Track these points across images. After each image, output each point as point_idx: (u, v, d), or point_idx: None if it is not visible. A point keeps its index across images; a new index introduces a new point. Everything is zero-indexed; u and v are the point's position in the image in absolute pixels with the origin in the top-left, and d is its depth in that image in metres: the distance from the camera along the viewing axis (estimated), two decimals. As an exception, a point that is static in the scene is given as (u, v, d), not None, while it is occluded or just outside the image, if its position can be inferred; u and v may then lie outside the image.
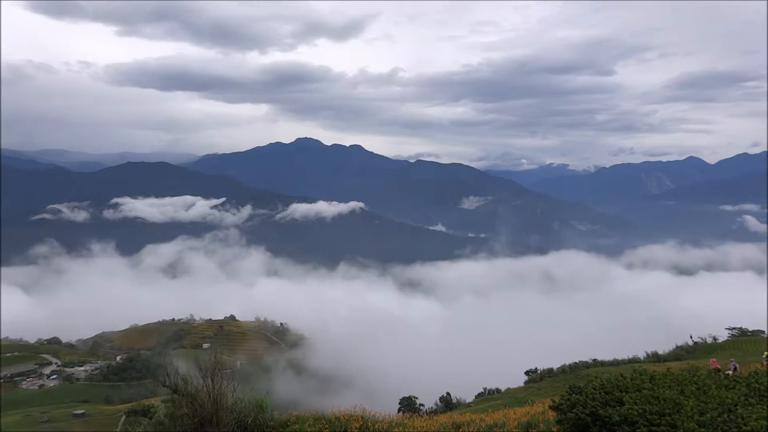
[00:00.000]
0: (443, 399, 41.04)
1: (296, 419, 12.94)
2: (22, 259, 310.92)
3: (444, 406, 39.47)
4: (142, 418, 19.70)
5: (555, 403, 10.68)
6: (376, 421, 13.47)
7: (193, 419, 11.23)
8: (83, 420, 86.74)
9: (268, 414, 12.46)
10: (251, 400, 12.28)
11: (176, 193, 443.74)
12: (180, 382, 11.77)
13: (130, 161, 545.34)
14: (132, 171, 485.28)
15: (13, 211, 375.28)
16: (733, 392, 9.64)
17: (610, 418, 9.00)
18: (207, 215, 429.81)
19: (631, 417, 8.79)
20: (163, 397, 12.52)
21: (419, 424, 15.40)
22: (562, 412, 10.22)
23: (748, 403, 8.98)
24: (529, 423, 14.69)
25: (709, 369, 19.10)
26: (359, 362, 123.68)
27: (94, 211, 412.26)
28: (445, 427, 15.34)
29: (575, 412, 9.67)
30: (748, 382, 10.42)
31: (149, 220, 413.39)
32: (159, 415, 12.82)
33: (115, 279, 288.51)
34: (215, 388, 11.55)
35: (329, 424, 12.69)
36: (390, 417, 15.11)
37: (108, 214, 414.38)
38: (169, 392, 11.90)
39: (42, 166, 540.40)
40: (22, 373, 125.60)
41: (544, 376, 41.17)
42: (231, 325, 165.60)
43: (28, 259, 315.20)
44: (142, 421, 17.47)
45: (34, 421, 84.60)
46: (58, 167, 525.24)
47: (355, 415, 13.53)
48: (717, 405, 8.96)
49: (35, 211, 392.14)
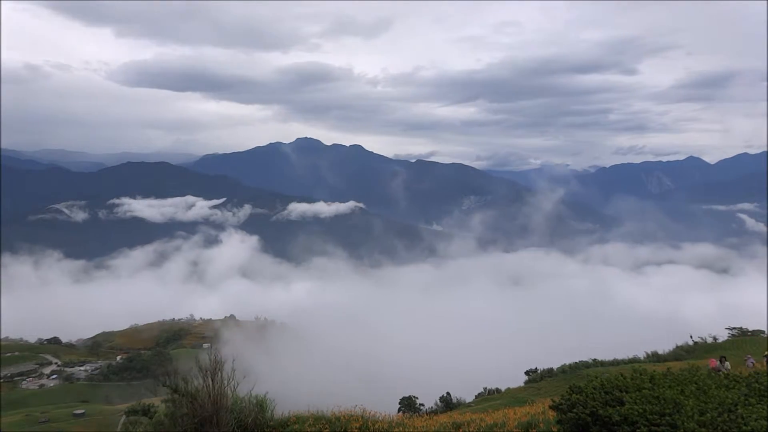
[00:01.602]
0: (443, 399, 41.05)
1: (296, 419, 12.94)
2: (22, 259, 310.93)
3: (444, 406, 39.47)
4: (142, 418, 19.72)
5: (555, 403, 10.68)
6: (376, 421, 13.48)
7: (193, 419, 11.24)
8: (83, 420, 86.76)
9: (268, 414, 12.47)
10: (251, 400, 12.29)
11: (176, 193, 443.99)
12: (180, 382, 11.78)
13: (130, 161, 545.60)
14: (132, 171, 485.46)
15: (12, 211, 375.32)
16: (733, 392, 9.65)
17: (610, 418, 9.00)
18: (207, 215, 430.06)
19: (631, 417, 8.79)
20: (163, 397, 12.52)
21: (419, 424, 15.39)
22: (562, 412, 10.22)
23: (748, 403, 8.98)
24: (529, 423, 14.68)
25: (709, 369, 19.11)
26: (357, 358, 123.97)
27: (94, 211, 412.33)
28: (445, 427, 15.33)
29: (575, 412, 9.67)
30: (748, 382, 10.43)
31: (149, 219, 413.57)
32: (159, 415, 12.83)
33: (115, 279, 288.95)
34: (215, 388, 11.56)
35: (329, 424, 12.69)
36: (390, 417, 15.11)
37: (108, 214, 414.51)
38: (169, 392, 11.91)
39: (42, 166, 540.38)
40: (22, 373, 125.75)
41: (544, 376, 41.15)
42: (231, 324, 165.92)
43: (28, 259, 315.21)
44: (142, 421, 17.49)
45: (34, 421, 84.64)
46: (58, 167, 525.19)
47: (355, 415, 13.54)
48: (717, 405, 8.97)
49: (35, 211, 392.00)
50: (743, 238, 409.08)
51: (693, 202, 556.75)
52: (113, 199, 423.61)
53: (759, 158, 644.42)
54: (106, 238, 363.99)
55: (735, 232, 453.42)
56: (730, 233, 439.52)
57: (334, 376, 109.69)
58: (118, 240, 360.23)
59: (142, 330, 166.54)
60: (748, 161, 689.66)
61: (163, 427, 11.96)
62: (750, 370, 16.62)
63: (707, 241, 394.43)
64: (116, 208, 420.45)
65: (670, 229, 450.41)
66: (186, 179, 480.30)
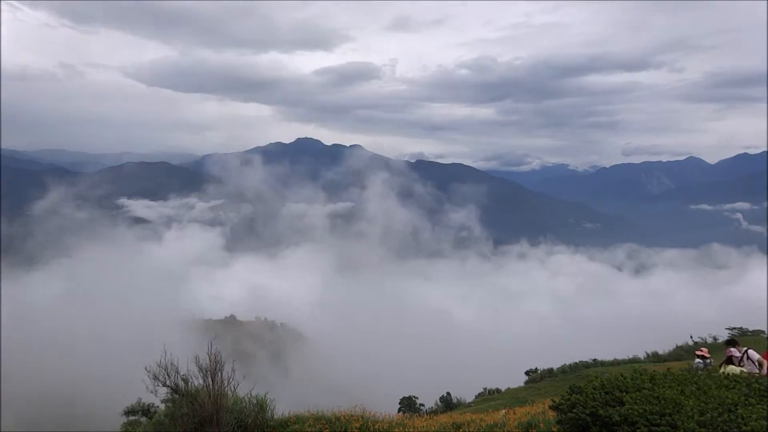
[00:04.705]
0: (443, 399, 41.11)
1: (296, 419, 12.97)
2: (22, 259, 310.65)
3: (444, 406, 39.53)
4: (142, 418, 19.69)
5: (555, 403, 10.69)
6: (377, 421, 13.51)
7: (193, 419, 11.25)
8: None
9: (268, 414, 12.49)
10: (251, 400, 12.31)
11: (176, 193, 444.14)
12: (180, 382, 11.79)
13: (129, 161, 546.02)
14: (132, 171, 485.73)
15: (12, 210, 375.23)
16: (733, 392, 9.65)
17: (610, 418, 9.01)
18: (207, 215, 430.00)
19: (631, 417, 8.80)
20: (163, 397, 12.56)
21: (419, 424, 15.41)
22: (562, 412, 10.23)
23: (748, 403, 8.98)
24: (529, 423, 14.69)
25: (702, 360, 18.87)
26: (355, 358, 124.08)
27: (94, 211, 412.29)
28: (445, 427, 15.34)
29: (575, 412, 9.67)
30: (748, 382, 10.43)
31: (149, 220, 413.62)
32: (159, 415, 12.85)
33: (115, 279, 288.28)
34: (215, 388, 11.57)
35: (329, 424, 12.72)
36: (390, 417, 15.12)
37: (108, 214, 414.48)
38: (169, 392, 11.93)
39: (42, 165, 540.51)
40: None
41: (544, 376, 41.21)
42: (231, 324, 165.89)
43: (28, 259, 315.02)
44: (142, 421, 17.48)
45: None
46: (58, 167, 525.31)
47: (355, 415, 13.57)
48: (717, 405, 8.97)
49: (35, 211, 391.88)
50: (743, 238, 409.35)
51: (693, 203, 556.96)
52: (113, 199, 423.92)
53: (759, 158, 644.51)
54: (106, 237, 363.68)
55: (735, 232, 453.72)
56: (730, 233, 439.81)
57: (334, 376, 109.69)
58: (118, 240, 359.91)
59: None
60: (748, 161, 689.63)
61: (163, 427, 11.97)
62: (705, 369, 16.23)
63: (707, 241, 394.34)
64: (116, 208, 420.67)
65: (670, 229, 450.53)
66: (186, 179, 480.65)
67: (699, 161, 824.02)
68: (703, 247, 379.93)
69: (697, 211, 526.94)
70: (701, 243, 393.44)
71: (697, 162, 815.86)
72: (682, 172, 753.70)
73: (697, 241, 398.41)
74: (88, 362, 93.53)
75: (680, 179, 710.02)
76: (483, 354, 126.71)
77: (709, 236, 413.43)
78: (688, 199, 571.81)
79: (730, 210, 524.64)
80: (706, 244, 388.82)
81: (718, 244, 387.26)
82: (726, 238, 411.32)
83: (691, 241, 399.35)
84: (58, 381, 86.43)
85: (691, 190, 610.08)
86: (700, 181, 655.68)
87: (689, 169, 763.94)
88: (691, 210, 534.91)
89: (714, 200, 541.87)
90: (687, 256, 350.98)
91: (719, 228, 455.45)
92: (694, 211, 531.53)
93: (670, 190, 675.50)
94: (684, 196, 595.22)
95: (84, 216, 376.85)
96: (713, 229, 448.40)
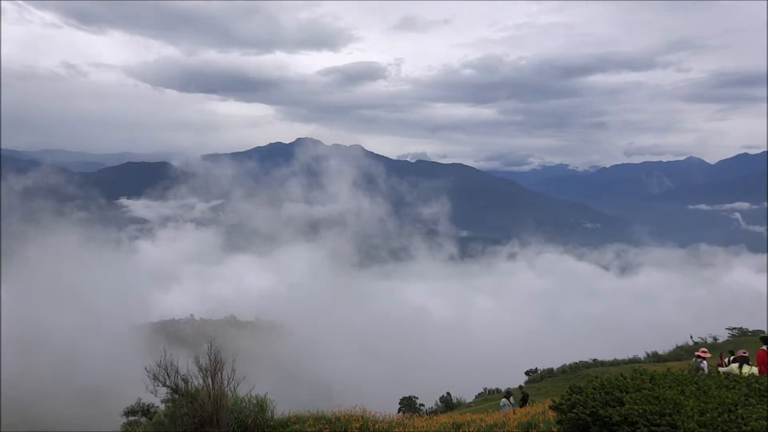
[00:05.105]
0: (443, 399, 41.13)
1: (296, 419, 12.97)
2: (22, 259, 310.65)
3: (444, 406, 39.56)
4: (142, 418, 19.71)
5: (555, 403, 10.69)
6: (377, 421, 13.51)
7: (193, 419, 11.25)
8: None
9: (268, 414, 12.48)
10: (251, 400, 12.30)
11: (176, 193, 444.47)
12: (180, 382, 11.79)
13: (129, 161, 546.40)
14: (132, 171, 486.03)
15: (12, 210, 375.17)
16: (733, 392, 9.65)
17: (610, 418, 9.00)
18: (207, 215, 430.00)
19: (631, 417, 8.79)
20: (163, 397, 12.56)
21: (419, 424, 15.41)
22: (562, 412, 10.23)
23: (748, 403, 8.98)
24: (529, 423, 14.68)
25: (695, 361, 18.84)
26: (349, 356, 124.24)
27: (94, 211, 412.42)
28: (445, 427, 15.34)
29: (575, 412, 9.67)
30: (748, 382, 10.42)
31: (149, 219, 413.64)
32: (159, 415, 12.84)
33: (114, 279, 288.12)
34: (215, 388, 11.57)
35: (329, 424, 12.72)
36: (390, 417, 15.12)
37: (108, 214, 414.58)
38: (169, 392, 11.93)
39: (42, 166, 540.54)
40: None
41: (544, 376, 41.24)
42: (230, 324, 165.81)
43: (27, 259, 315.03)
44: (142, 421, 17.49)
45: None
46: (58, 167, 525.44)
47: (355, 415, 13.57)
48: (717, 405, 8.97)
49: (35, 211, 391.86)
50: (743, 238, 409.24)
51: (693, 202, 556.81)
52: (113, 199, 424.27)
53: (759, 158, 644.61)
54: (106, 238, 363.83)
55: (735, 232, 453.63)
56: (730, 233, 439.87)
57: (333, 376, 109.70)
58: (118, 240, 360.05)
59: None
60: (748, 161, 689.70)
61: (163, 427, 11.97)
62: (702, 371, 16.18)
63: (707, 242, 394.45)
64: (116, 208, 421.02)
65: (670, 229, 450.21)
66: (186, 179, 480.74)
67: (699, 161, 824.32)
68: (703, 247, 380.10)
69: (697, 211, 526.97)
70: (701, 243, 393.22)
71: (697, 162, 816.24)
72: (682, 172, 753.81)
73: (697, 241, 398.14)
74: (73, 360, 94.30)
75: (680, 179, 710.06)
76: (484, 351, 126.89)
77: (709, 236, 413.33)
78: (688, 199, 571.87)
79: (731, 210, 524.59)
80: (707, 243, 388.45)
81: (718, 243, 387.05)
82: (726, 237, 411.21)
83: (691, 241, 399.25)
84: (59, 380, 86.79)
85: (690, 190, 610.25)
86: (699, 182, 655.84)
87: (689, 169, 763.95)
88: (692, 210, 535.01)
89: (714, 200, 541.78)
90: (687, 256, 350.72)
91: (720, 228, 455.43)
92: (694, 210, 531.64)
93: (669, 190, 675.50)
94: (684, 195, 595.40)
95: (83, 216, 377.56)
96: (714, 228, 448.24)
